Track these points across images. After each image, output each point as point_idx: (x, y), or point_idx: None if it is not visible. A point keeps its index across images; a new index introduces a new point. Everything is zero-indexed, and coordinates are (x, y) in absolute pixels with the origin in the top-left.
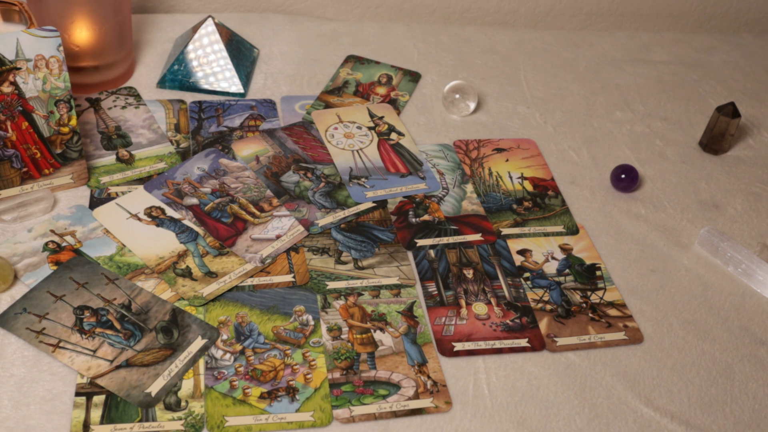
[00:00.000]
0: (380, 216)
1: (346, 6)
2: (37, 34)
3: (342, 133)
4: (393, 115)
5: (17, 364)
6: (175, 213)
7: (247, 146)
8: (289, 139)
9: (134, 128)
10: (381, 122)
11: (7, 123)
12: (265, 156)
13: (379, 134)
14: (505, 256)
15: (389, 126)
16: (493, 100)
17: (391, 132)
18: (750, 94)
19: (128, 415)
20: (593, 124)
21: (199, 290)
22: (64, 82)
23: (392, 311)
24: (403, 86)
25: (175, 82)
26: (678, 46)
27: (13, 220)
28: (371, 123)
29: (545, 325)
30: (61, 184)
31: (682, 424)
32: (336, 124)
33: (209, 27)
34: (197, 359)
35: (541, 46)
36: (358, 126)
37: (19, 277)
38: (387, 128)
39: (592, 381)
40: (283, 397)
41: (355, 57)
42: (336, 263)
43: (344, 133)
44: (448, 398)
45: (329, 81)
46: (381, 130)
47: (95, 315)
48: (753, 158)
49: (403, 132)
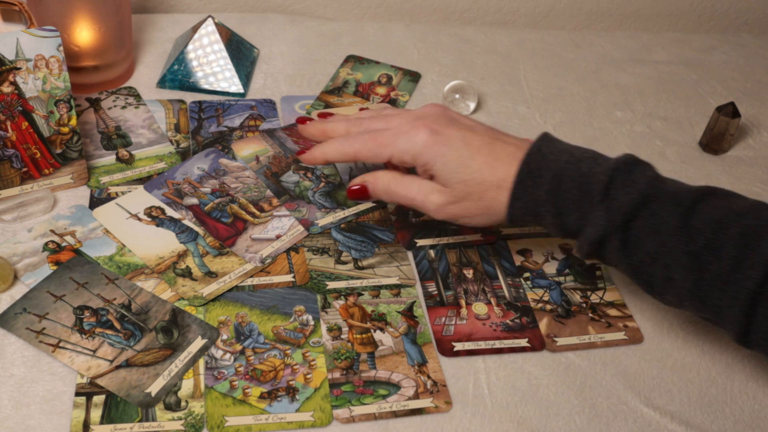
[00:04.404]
0: (380, 216)
1: (346, 6)
2: (37, 34)
3: None
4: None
5: (17, 364)
6: (175, 213)
7: (247, 146)
8: (289, 139)
9: (134, 128)
10: None
11: (7, 123)
12: (265, 156)
13: None
14: (505, 256)
15: None
16: (493, 100)
17: None
18: (750, 94)
19: (128, 415)
20: (593, 124)
21: (199, 290)
22: (64, 82)
23: (392, 311)
24: (403, 86)
25: (175, 82)
26: (678, 46)
27: (13, 220)
28: None
29: (545, 325)
30: (61, 184)
31: (682, 424)
32: None
33: (209, 27)
34: (197, 359)
35: (541, 46)
36: None
37: (19, 277)
38: None
39: (592, 381)
40: (283, 397)
41: (355, 57)
42: (336, 263)
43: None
44: (448, 398)
45: (329, 81)
46: None
47: (95, 315)
48: (753, 158)
49: None
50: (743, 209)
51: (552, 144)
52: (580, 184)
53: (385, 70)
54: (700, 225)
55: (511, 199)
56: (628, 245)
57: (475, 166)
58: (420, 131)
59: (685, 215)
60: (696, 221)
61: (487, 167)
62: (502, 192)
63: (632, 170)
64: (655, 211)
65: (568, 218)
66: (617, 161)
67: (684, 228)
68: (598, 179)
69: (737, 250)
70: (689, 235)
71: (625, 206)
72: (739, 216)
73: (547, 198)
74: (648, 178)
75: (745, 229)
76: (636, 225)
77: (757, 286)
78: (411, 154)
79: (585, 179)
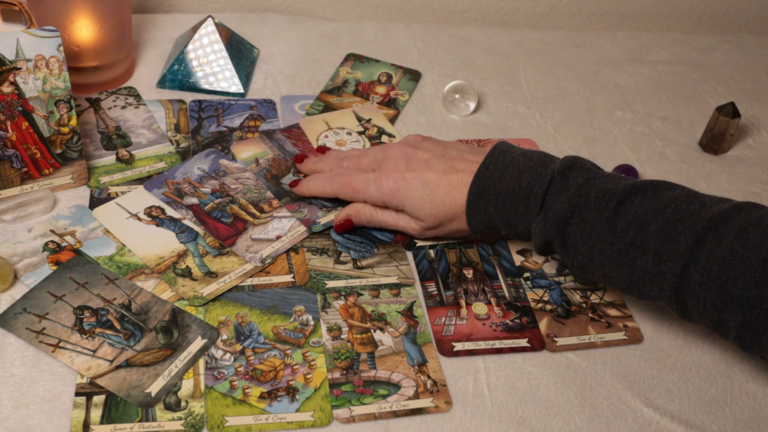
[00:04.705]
0: None
1: (346, 6)
2: (37, 34)
3: (333, 141)
4: (379, 116)
5: (17, 364)
6: (175, 213)
7: (247, 148)
8: (288, 142)
9: (134, 128)
10: (369, 125)
11: (7, 123)
12: (264, 159)
13: (369, 138)
14: (505, 256)
15: (378, 129)
16: (493, 100)
17: (381, 135)
18: (750, 94)
19: (128, 415)
20: (593, 124)
21: (199, 290)
22: (64, 82)
23: (392, 311)
24: (403, 85)
25: (175, 82)
26: (678, 46)
27: (13, 220)
28: (360, 127)
29: (545, 325)
30: (61, 184)
31: (681, 424)
32: (325, 131)
33: (209, 27)
34: (197, 359)
35: (541, 46)
36: (348, 132)
37: (19, 277)
38: (377, 131)
39: (592, 381)
40: (283, 397)
41: (355, 55)
42: (335, 263)
43: (335, 141)
44: (448, 398)
45: (329, 80)
46: (371, 134)
47: (95, 315)
48: (753, 158)
49: (393, 133)
50: (665, 204)
51: (501, 158)
52: (522, 198)
53: (385, 68)
54: (624, 225)
55: (468, 217)
56: (567, 249)
57: (438, 199)
58: (384, 182)
59: (610, 218)
60: (620, 222)
61: (448, 198)
62: (463, 214)
63: (568, 176)
64: (583, 217)
65: (517, 228)
66: (554, 170)
67: (610, 230)
68: (535, 192)
69: (657, 246)
70: (615, 235)
71: (558, 216)
72: (659, 212)
73: (496, 213)
74: (577, 186)
75: (664, 224)
76: (570, 231)
77: (676, 277)
78: (381, 200)
79: (525, 193)
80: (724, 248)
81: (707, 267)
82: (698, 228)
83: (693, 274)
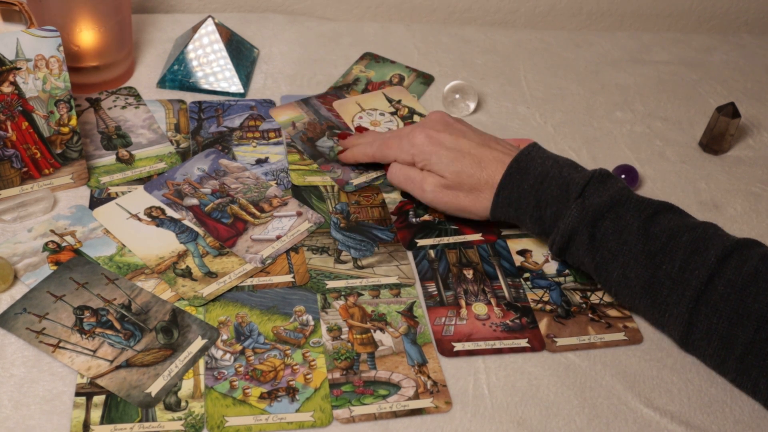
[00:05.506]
0: (380, 215)
1: (346, 6)
2: (37, 34)
3: (368, 122)
4: (408, 97)
5: (17, 364)
6: (175, 213)
7: (284, 112)
8: (322, 107)
9: (134, 128)
10: (400, 106)
11: (7, 123)
12: (300, 122)
13: (402, 118)
14: (505, 256)
15: (409, 109)
16: (493, 100)
17: (413, 115)
18: (750, 94)
19: (128, 415)
20: (593, 124)
21: (199, 290)
22: (64, 82)
23: (392, 311)
24: (414, 88)
25: (175, 82)
26: (678, 46)
27: (13, 220)
28: (391, 108)
29: (545, 325)
30: (61, 184)
31: (681, 424)
32: (360, 113)
33: (209, 27)
34: (197, 359)
35: (541, 46)
36: (381, 113)
37: (19, 277)
38: (408, 111)
39: (591, 381)
40: (283, 398)
41: (371, 54)
42: (335, 262)
43: (370, 122)
44: (448, 398)
45: (340, 77)
46: (402, 114)
47: (95, 315)
48: (753, 158)
49: (423, 112)
50: (695, 225)
51: (540, 151)
52: (560, 185)
53: (399, 70)
54: (658, 231)
55: (499, 188)
56: (594, 241)
57: (466, 161)
58: (417, 135)
59: (645, 221)
60: (654, 228)
61: (476, 165)
62: (489, 185)
63: (605, 181)
64: (620, 215)
65: (545, 211)
66: (593, 172)
67: (643, 231)
68: (575, 182)
69: (686, 255)
70: (647, 237)
71: (595, 206)
72: (691, 229)
73: (529, 191)
74: (618, 188)
75: (694, 239)
76: (603, 224)
77: (701, 285)
78: (410, 153)
79: (565, 181)
80: (750, 266)
81: (732, 280)
82: (727, 245)
83: (717, 285)
